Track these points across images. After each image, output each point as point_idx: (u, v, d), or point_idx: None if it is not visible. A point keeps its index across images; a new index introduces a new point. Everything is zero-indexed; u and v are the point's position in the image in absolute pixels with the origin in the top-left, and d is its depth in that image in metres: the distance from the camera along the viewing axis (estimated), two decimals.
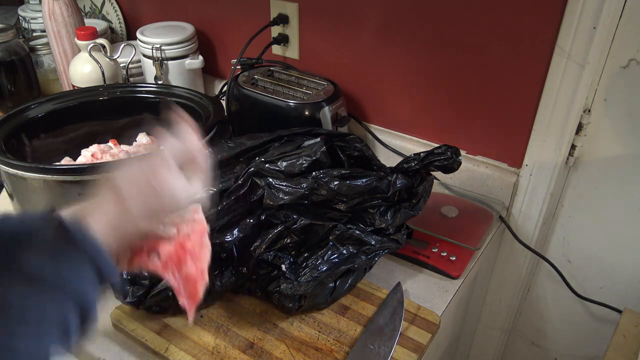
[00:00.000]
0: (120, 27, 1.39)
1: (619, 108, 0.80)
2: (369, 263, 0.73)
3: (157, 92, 0.98)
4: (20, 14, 1.37)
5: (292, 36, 1.07)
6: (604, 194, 0.87)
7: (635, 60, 0.75)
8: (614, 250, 0.90)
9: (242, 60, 1.04)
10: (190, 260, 0.52)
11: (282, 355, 0.65)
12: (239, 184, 0.70)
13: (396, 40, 0.94)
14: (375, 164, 0.79)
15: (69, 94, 0.96)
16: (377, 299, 0.73)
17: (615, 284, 0.93)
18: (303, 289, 0.67)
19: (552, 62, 0.79)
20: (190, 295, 0.52)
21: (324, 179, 0.70)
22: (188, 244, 0.53)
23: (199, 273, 0.52)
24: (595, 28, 0.73)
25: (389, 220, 0.73)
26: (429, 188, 0.77)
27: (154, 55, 1.13)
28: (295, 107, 0.92)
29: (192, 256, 0.52)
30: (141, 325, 0.69)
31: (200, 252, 0.53)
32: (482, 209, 0.92)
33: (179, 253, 0.52)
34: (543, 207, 0.90)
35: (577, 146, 0.84)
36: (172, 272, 0.52)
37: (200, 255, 0.52)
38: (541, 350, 1.09)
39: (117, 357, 0.67)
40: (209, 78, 1.27)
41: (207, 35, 1.23)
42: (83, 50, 1.07)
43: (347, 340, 0.67)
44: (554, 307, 1.03)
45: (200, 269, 0.52)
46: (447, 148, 0.74)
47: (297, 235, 0.69)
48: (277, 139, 0.78)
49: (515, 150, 0.90)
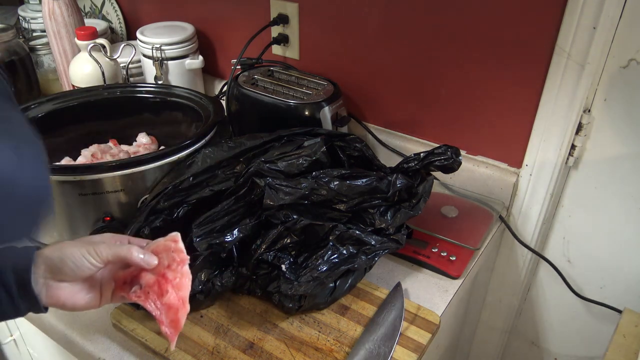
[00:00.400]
0: (120, 27, 1.39)
1: (619, 108, 0.80)
2: (369, 263, 0.73)
3: (157, 92, 0.98)
4: (20, 14, 1.37)
5: (292, 36, 1.07)
6: (604, 194, 0.87)
7: (635, 60, 0.75)
8: (614, 250, 0.90)
9: (242, 60, 1.04)
10: (171, 289, 0.53)
11: (282, 355, 0.65)
12: (239, 184, 0.70)
13: (396, 40, 0.94)
14: (375, 164, 0.79)
15: (69, 94, 0.96)
16: (377, 299, 0.73)
17: (615, 284, 0.93)
18: (303, 289, 0.67)
19: (552, 62, 0.79)
20: (172, 323, 0.53)
21: (324, 179, 0.70)
22: (169, 274, 0.53)
23: (180, 302, 0.53)
24: (595, 28, 0.73)
25: (389, 220, 0.73)
26: (429, 188, 0.77)
27: (154, 55, 1.13)
28: (295, 107, 0.92)
29: (173, 285, 0.53)
30: (141, 325, 0.69)
31: (181, 280, 0.53)
32: (482, 209, 0.92)
33: (160, 283, 0.53)
34: (543, 207, 0.90)
35: (577, 146, 0.84)
36: (153, 302, 0.53)
37: (181, 284, 0.53)
38: (541, 350, 1.09)
39: (117, 357, 0.67)
40: (209, 78, 1.27)
41: (207, 35, 1.23)
42: (83, 50, 1.07)
43: (347, 340, 0.67)
44: (554, 307, 1.03)
45: (181, 297, 0.53)
46: (447, 148, 0.74)
47: (297, 235, 0.69)
48: (277, 139, 0.78)
49: (515, 150, 0.90)
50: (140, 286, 0.55)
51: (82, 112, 0.95)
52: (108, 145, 0.95)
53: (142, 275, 0.55)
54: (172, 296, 0.53)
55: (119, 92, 0.98)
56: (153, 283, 0.54)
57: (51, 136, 0.91)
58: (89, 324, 0.72)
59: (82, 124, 0.95)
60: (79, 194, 0.74)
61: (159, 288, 0.53)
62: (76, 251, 0.52)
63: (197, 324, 0.69)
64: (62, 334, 0.72)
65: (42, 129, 0.89)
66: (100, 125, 0.96)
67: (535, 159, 0.87)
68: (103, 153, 0.91)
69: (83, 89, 0.98)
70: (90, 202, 0.75)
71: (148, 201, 0.71)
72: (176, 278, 0.53)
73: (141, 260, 0.53)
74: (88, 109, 0.96)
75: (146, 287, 0.54)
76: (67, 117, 0.93)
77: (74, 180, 0.73)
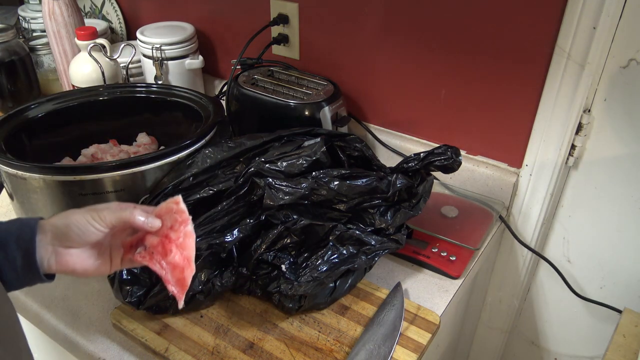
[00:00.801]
0: (120, 27, 1.39)
1: (619, 108, 0.80)
2: (369, 263, 0.73)
3: (157, 92, 0.98)
4: (20, 14, 1.37)
5: (292, 36, 1.07)
6: (604, 194, 0.87)
7: (635, 60, 0.75)
8: (614, 250, 0.90)
9: (242, 60, 1.04)
10: (175, 249, 0.54)
11: (282, 355, 0.65)
12: (239, 184, 0.70)
13: (396, 40, 0.94)
14: (375, 164, 0.79)
15: (69, 94, 0.96)
16: (377, 299, 0.73)
17: (615, 284, 0.93)
18: (303, 289, 0.67)
19: (552, 62, 0.79)
20: (179, 282, 0.54)
21: (324, 179, 0.70)
22: (172, 234, 0.54)
23: (185, 261, 0.54)
24: (595, 28, 0.73)
25: (389, 220, 0.73)
26: (429, 188, 0.77)
27: (154, 55, 1.13)
28: (295, 107, 0.92)
29: (177, 245, 0.54)
30: (141, 325, 0.69)
31: (185, 241, 0.54)
32: (482, 209, 0.92)
33: (164, 243, 0.54)
34: (543, 207, 0.90)
35: (577, 146, 0.84)
36: (158, 262, 0.54)
37: (185, 243, 0.54)
38: (541, 350, 1.09)
39: (117, 357, 0.67)
40: (209, 78, 1.27)
41: (207, 35, 1.23)
42: (83, 50, 1.07)
43: (347, 340, 0.67)
44: (554, 307, 1.03)
45: (186, 257, 0.54)
46: (447, 148, 0.74)
47: (297, 235, 0.69)
48: (277, 139, 0.78)
49: (515, 150, 0.90)
50: (144, 247, 0.55)
51: (82, 112, 0.95)
52: (108, 145, 0.95)
53: (147, 238, 0.55)
54: (177, 256, 0.53)
55: (119, 92, 0.98)
56: (157, 244, 0.54)
57: (51, 136, 0.91)
58: (89, 324, 0.72)
59: (82, 124, 0.95)
60: (79, 194, 0.74)
61: (162, 248, 0.54)
62: (80, 217, 0.53)
63: (197, 324, 0.69)
64: (62, 334, 0.72)
65: (42, 129, 0.91)
66: (100, 125, 0.96)
67: (535, 159, 0.87)
68: (103, 153, 0.91)
69: (83, 89, 0.98)
70: (90, 202, 0.74)
71: (148, 201, 0.71)
72: (179, 238, 0.54)
73: (143, 222, 0.54)
74: (88, 109, 0.95)
75: (150, 247, 0.55)
76: (67, 117, 0.93)
77: (74, 180, 0.72)
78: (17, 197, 0.79)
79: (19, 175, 0.73)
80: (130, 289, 0.68)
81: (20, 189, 0.77)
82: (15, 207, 0.82)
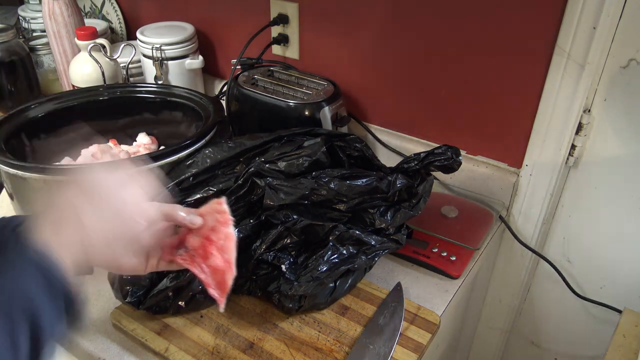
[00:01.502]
0: (120, 27, 1.39)
1: (619, 108, 0.80)
2: (369, 263, 0.73)
3: (157, 92, 0.98)
4: (20, 14, 1.37)
5: (292, 36, 1.06)
6: (604, 194, 0.87)
7: (635, 60, 0.75)
8: (613, 250, 0.90)
9: (242, 60, 1.04)
10: (216, 252, 0.53)
11: (282, 355, 0.65)
12: (239, 184, 0.70)
13: (396, 39, 0.94)
14: (375, 164, 0.79)
15: (69, 94, 0.96)
16: (377, 299, 0.73)
17: (615, 284, 0.93)
18: (303, 289, 0.67)
19: (552, 62, 0.79)
20: (219, 285, 0.53)
21: (324, 179, 0.70)
22: (213, 236, 0.54)
23: (226, 264, 0.53)
24: (595, 28, 0.73)
25: (389, 220, 0.73)
26: (429, 188, 0.77)
27: (154, 55, 1.13)
28: (295, 107, 0.92)
29: (218, 248, 0.53)
30: (141, 325, 0.69)
31: (226, 243, 0.53)
32: (482, 209, 0.92)
33: (205, 245, 0.53)
34: (543, 207, 0.90)
35: (577, 146, 0.84)
36: (199, 265, 0.53)
37: (226, 246, 0.53)
38: (541, 350, 1.09)
39: (117, 357, 0.67)
40: (209, 78, 1.27)
41: (207, 35, 1.23)
42: (83, 50, 1.07)
43: (347, 340, 0.67)
44: (554, 307, 1.03)
45: (226, 259, 0.53)
46: (447, 148, 0.74)
47: (297, 235, 0.69)
48: (277, 139, 0.78)
49: (515, 150, 0.90)
50: (185, 249, 0.54)
51: (82, 112, 0.95)
52: (108, 145, 0.95)
53: (188, 239, 0.55)
54: (218, 259, 0.53)
55: (119, 92, 0.98)
56: (198, 246, 0.54)
57: (51, 136, 0.91)
58: (89, 324, 0.72)
59: (82, 124, 0.95)
60: None
61: (203, 251, 0.53)
62: None
63: (197, 324, 0.69)
64: None
65: (42, 129, 0.91)
66: (100, 125, 0.96)
67: (535, 159, 0.87)
68: (103, 153, 0.91)
69: (83, 89, 0.98)
70: None
71: None
72: (220, 240, 0.53)
73: (184, 218, 0.53)
74: (88, 109, 0.96)
75: (191, 250, 0.54)
76: (67, 117, 0.93)
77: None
78: (17, 197, 0.79)
79: (19, 175, 0.73)
80: (130, 289, 0.68)
81: (20, 189, 0.77)
82: (15, 207, 0.82)
